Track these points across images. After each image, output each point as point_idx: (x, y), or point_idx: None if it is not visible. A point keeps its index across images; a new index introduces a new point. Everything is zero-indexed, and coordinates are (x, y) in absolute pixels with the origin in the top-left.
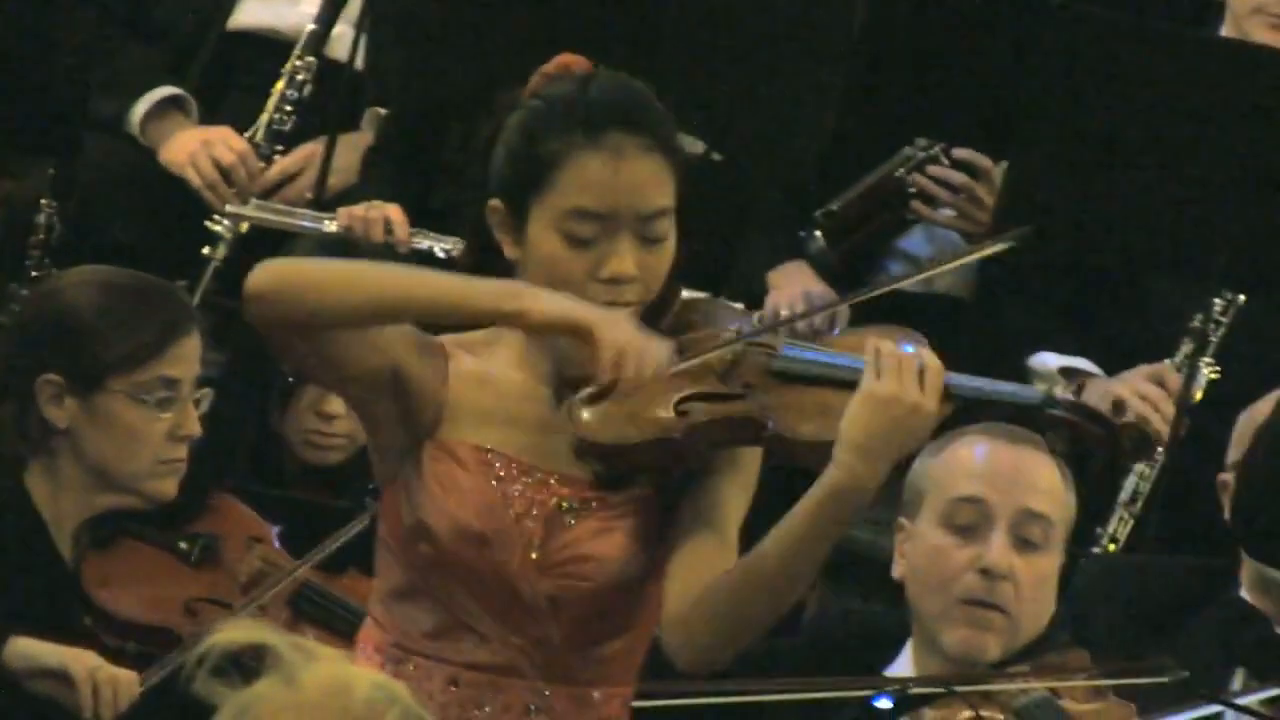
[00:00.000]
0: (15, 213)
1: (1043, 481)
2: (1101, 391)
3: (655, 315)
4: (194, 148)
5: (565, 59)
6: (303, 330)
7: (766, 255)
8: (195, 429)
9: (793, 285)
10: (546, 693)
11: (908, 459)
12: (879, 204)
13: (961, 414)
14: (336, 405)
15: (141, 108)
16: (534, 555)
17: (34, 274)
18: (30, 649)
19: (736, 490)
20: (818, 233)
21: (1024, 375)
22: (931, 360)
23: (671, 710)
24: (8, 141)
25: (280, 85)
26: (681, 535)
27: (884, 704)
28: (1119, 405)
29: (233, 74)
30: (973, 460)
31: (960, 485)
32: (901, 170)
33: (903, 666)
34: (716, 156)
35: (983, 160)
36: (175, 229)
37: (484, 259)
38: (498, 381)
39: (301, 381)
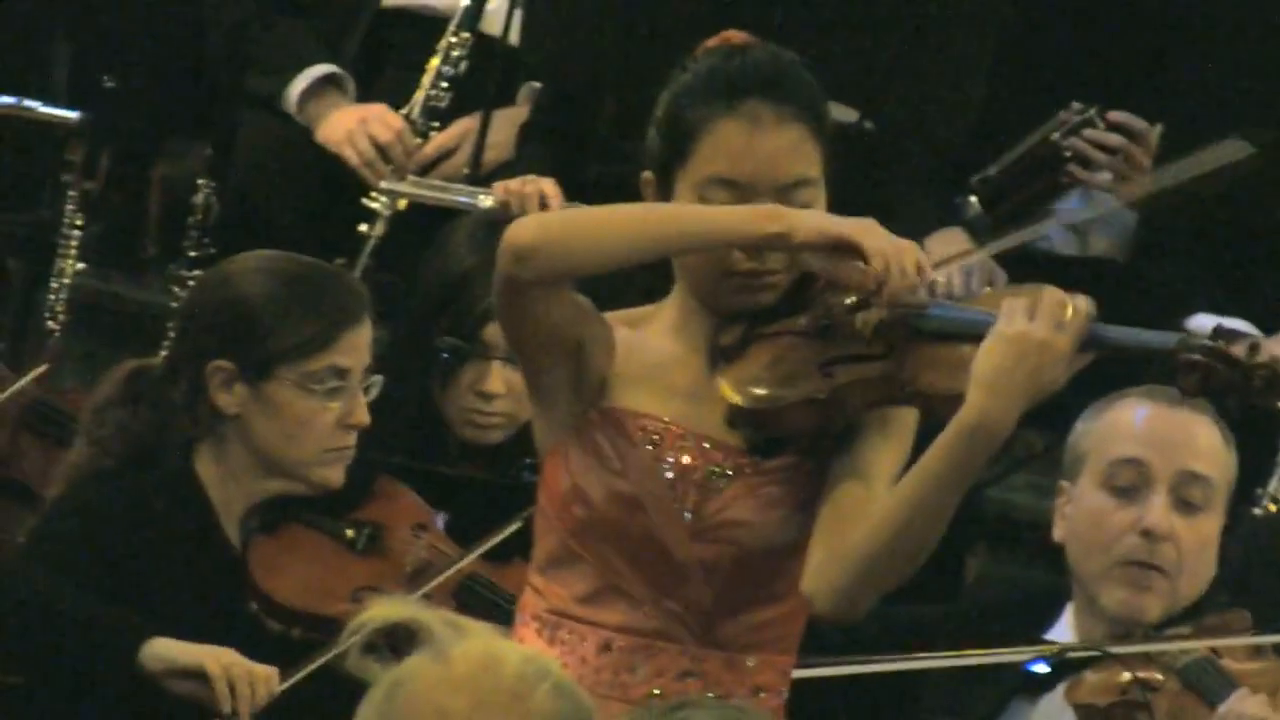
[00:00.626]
0: (173, 194)
1: (1203, 443)
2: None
3: (800, 285)
4: (351, 125)
5: (728, 34)
6: (567, 279)
7: (922, 222)
8: (364, 418)
9: (949, 252)
10: (699, 657)
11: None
12: (1035, 169)
13: (1099, 362)
14: (496, 384)
15: (298, 86)
16: (687, 518)
17: (192, 254)
18: (167, 649)
19: (887, 446)
20: (973, 198)
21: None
22: (1080, 301)
23: (831, 680)
24: (165, 123)
25: (435, 61)
26: (829, 488)
27: (1040, 668)
28: (1255, 348)
29: (388, 51)
30: (1133, 422)
31: (1120, 447)
32: (1057, 134)
33: (1063, 629)
34: (869, 125)
35: (1138, 122)
36: (333, 207)
37: None
38: (654, 351)
39: (461, 360)
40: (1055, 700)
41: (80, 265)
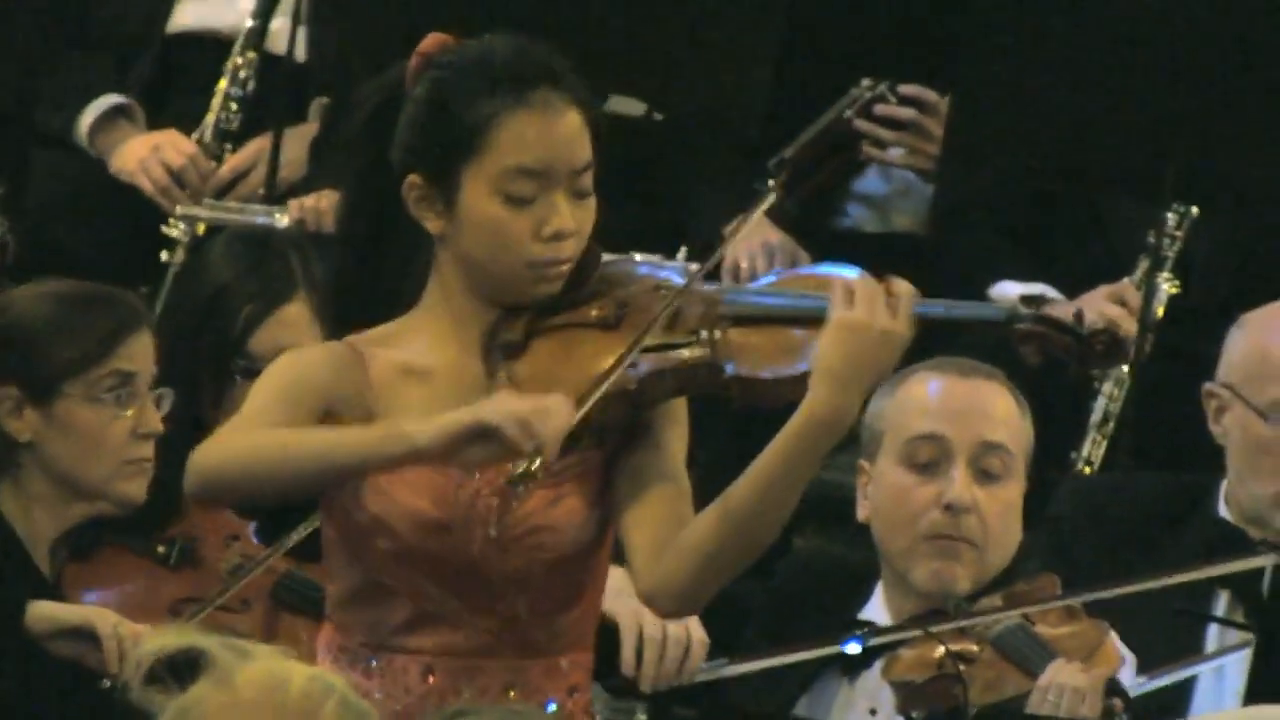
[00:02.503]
0: None
1: (999, 412)
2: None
3: (579, 275)
4: (144, 154)
5: (437, 38)
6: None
7: (722, 210)
8: (156, 425)
9: (752, 237)
10: (520, 668)
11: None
12: (830, 148)
13: (928, 336)
14: None
15: (88, 118)
16: (493, 533)
17: None
18: (51, 610)
19: (676, 432)
20: (771, 182)
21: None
22: (901, 285)
23: None
24: None
25: (224, 83)
26: (636, 487)
27: (853, 648)
28: (1079, 316)
29: (175, 76)
30: (927, 397)
31: (917, 423)
32: (849, 112)
33: (875, 607)
34: (658, 116)
35: (929, 94)
36: (132, 237)
37: (370, 232)
38: (423, 367)
39: (228, 379)
40: (873, 678)
41: None
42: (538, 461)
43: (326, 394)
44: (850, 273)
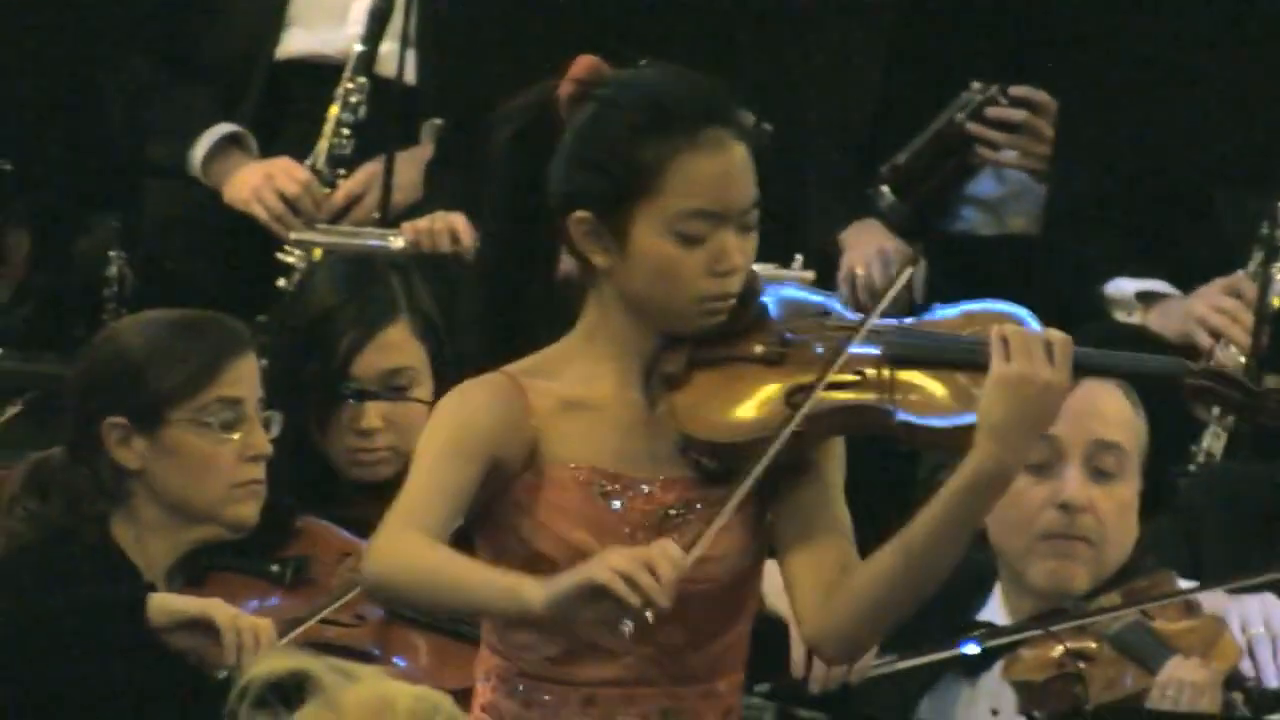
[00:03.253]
0: (87, 267)
1: (1111, 410)
2: (1180, 311)
3: (741, 304)
4: (257, 182)
5: (589, 62)
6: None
7: (837, 216)
8: (265, 448)
9: (866, 243)
10: (677, 695)
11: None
12: (943, 152)
13: None
14: (374, 419)
15: (201, 149)
16: None
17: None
18: (170, 602)
19: (835, 465)
20: (885, 188)
21: (1101, 304)
22: (1057, 335)
23: None
24: (72, 197)
25: (335, 109)
26: (801, 525)
27: (971, 649)
28: (1251, 372)
29: (286, 104)
30: None
31: None
32: (961, 115)
33: (993, 608)
34: (767, 126)
35: (1040, 95)
36: (247, 265)
37: (518, 260)
38: (581, 398)
39: (335, 402)
40: (993, 679)
41: None
42: (648, 615)
43: (492, 440)
44: (1008, 315)
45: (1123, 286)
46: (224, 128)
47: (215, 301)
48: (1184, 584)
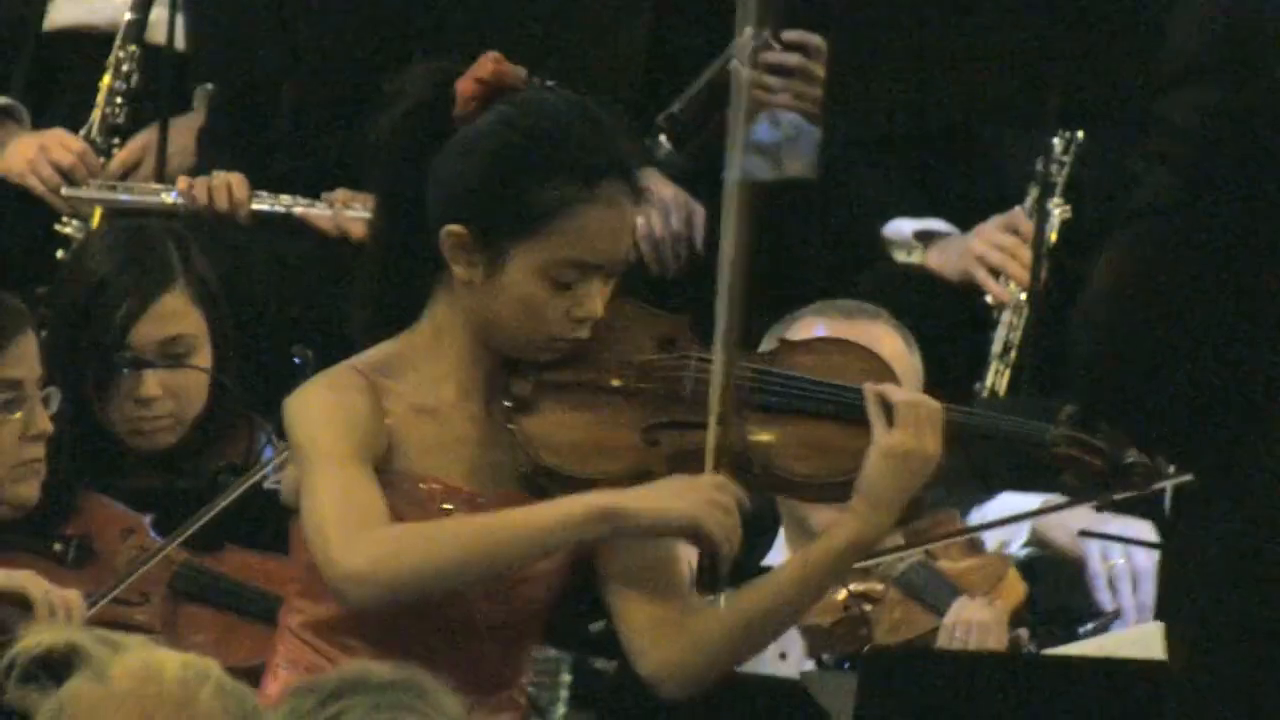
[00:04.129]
0: None
1: (885, 351)
2: (959, 249)
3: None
4: (31, 154)
5: (495, 66)
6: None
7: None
8: (46, 426)
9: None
10: (480, 704)
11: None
12: (718, 100)
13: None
14: (153, 387)
15: None
16: (487, 586)
17: None
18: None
19: None
20: (662, 137)
21: (880, 246)
22: (934, 404)
23: None
24: None
25: (107, 78)
26: (626, 558)
27: None
28: (1118, 442)
29: (57, 75)
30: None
31: None
32: (734, 62)
33: (779, 553)
34: (538, 81)
35: (813, 38)
36: (25, 238)
37: (403, 241)
38: (427, 405)
39: (112, 372)
40: None
41: None
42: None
43: (370, 443)
44: (894, 386)
45: (901, 227)
46: None
47: None
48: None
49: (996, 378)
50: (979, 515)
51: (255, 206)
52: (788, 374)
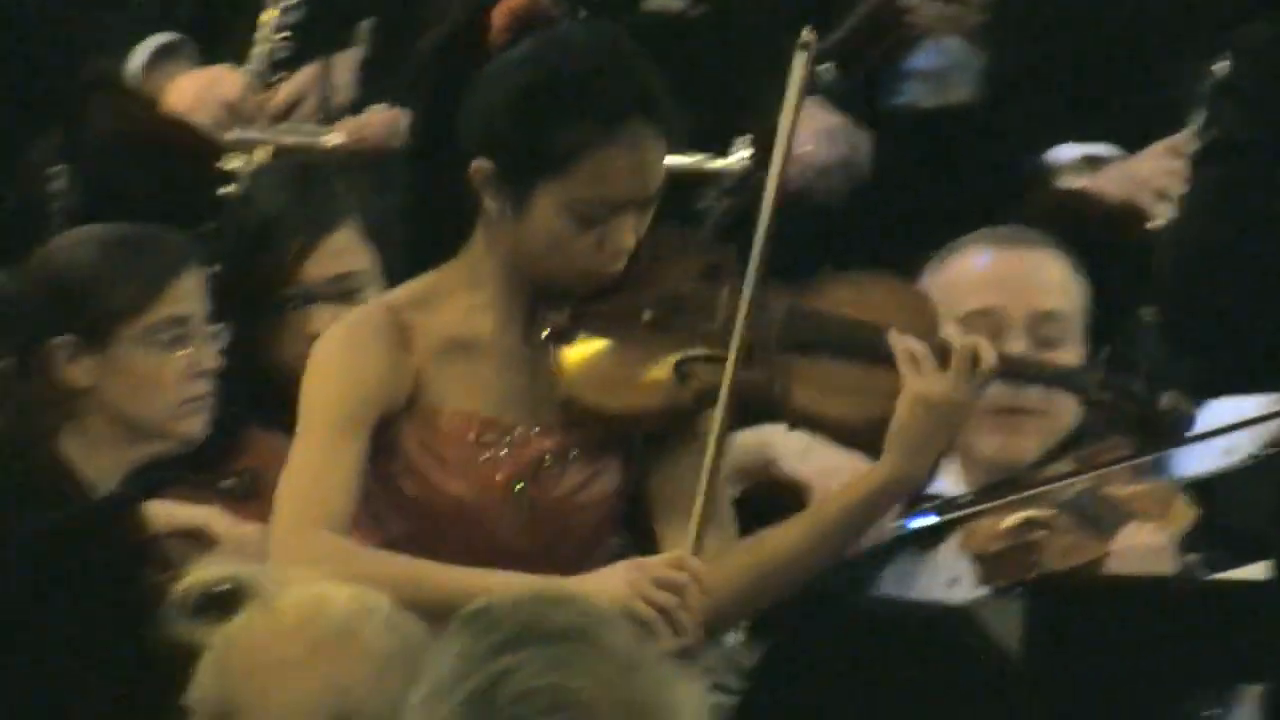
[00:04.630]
0: (31, 181)
1: (1051, 278)
2: (1125, 173)
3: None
4: (197, 89)
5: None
6: None
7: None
8: (212, 363)
9: (812, 122)
10: None
11: None
12: (879, 26)
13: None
14: (323, 324)
15: (139, 58)
16: (525, 515)
17: None
18: (168, 511)
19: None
20: (825, 65)
21: (1045, 171)
22: (967, 349)
23: None
24: (9, 116)
25: (271, 13)
26: (677, 498)
27: (925, 521)
28: (1148, 382)
29: (222, 10)
30: (976, 271)
31: (969, 299)
32: None
33: (945, 481)
34: (697, 12)
35: None
36: (191, 174)
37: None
38: (462, 337)
39: (282, 310)
40: (950, 551)
41: None
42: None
43: (383, 397)
44: (905, 295)
45: (1066, 152)
46: (161, 37)
47: (160, 211)
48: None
49: None
50: None
51: None
52: (820, 312)
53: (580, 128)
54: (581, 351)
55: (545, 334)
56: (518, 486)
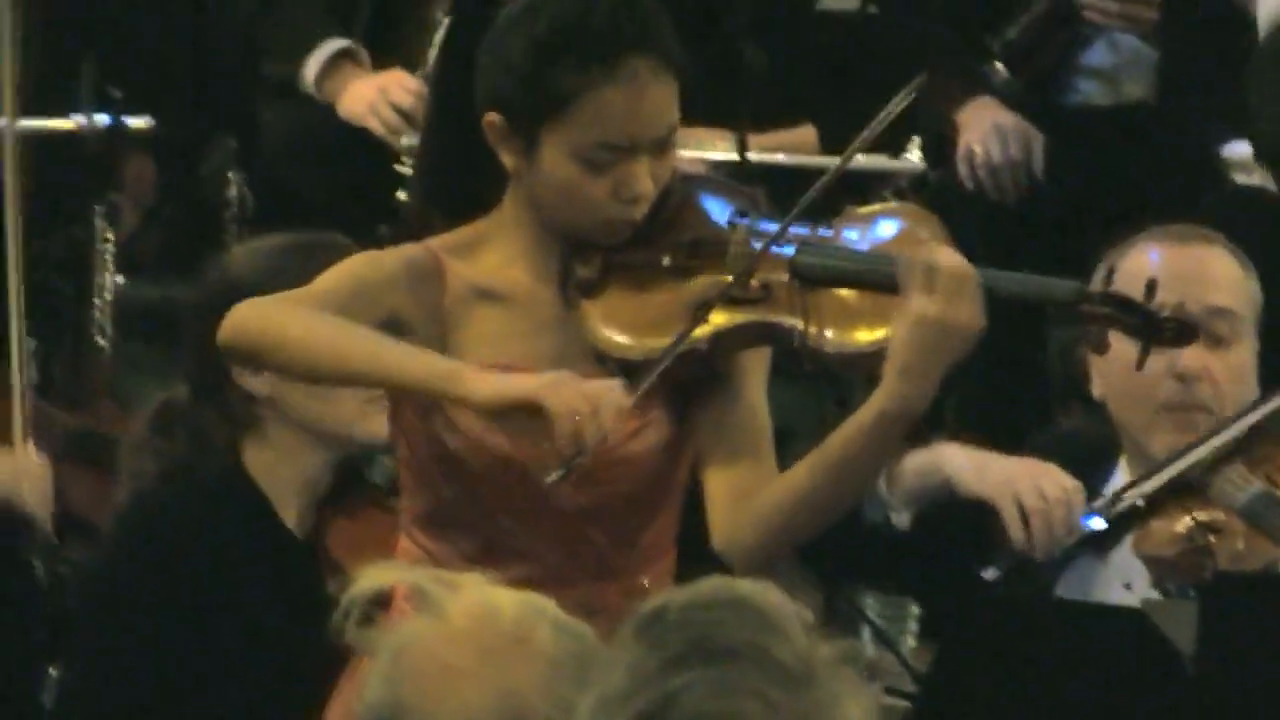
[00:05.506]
0: (208, 190)
1: (1221, 275)
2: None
3: (656, 207)
4: (371, 95)
5: None
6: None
7: (951, 95)
8: None
9: (982, 121)
10: (598, 592)
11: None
12: (1053, 24)
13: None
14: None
15: (313, 65)
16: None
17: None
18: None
19: (753, 379)
20: (998, 64)
21: (1220, 167)
22: (966, 269)
23: None
24: (191, 121)
25: (444, 18)
26: (714, 439)
27: (1097, 523)
28: (1151, 287)
29: (396, 15)
30: (1147, 267)
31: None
32: None
33: (1119, 481)
34: (872, 10)
35: None
36: (366, 180)
37: (449, 153)
38: (500, 284)
39: None
40: (1125, 554)
41: (119, 278)
42: (575, 463)
43: (395, 306)
44: (922, 229)
45: (1241, 148)
46: (335, 43)
47: (335, 217)
48: None
49: None
50: None
51: None
52: (831, 245)
53: (577, 69)
54: (610, 301)
55: (574, 287)
56: (550, 444)
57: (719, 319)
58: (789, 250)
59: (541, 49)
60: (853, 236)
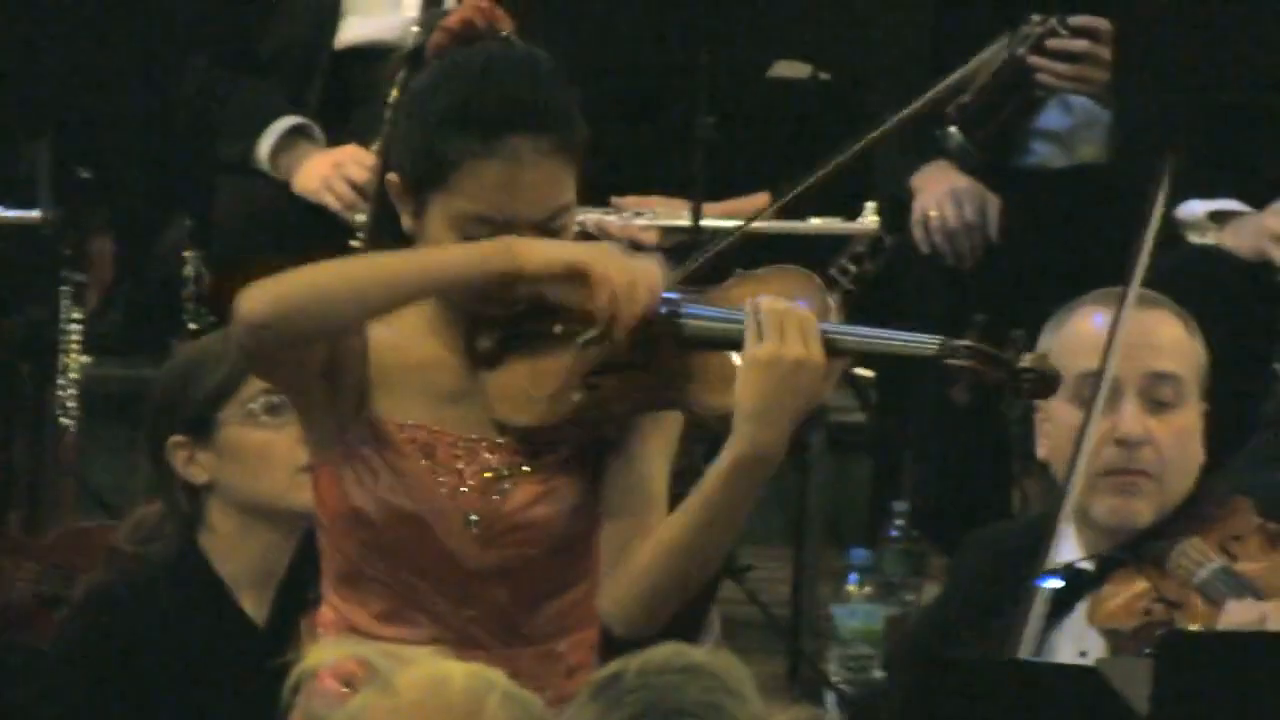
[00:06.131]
0: (164, 268)
1: (1165, 340)
2: (1253, 227)
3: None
4: (326, 171)
5: (466, 13)
6: (313, 341)
7: (905, 161)
8: None
9: (938, 185)
10: (510, 657)
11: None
12: (1008, 88)
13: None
14: None
15: (268, 142)
16: (474, 530)
17: (192, 326)
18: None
19: (655, 444)
20: (952, 128)
21: (1175, 228)
22: (801, 311)
23: None
24: (151, 201)
25: (396, 94)
26: (606, 499)
27: (1053, 583)
28: (1016, 341)
29: (349, 92)
30: (1091, 332)
31: (1083, 360)
32: (1022, 50)
33: (1068, 547)
34: (824, 76)
35: (1100, 23)
36: (321, 256)
37: (396, 225)
38: (413, 352)
39: None
40: (1078, 622)
41: (84, 358)
42: (606, 342)
43: (334, 354)
44: (767, 297)
45: (1194, 208)
46: (289, 120)
47: None
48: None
49: None
50: None
51: None
52: (697, 309)
53: (458, 140)
54: (506, 372)
55: (472, 359)
56: (463, 498)
57: (607, 385)
58: (664, 313)
59: (437, 117)
60: (742, 297)
